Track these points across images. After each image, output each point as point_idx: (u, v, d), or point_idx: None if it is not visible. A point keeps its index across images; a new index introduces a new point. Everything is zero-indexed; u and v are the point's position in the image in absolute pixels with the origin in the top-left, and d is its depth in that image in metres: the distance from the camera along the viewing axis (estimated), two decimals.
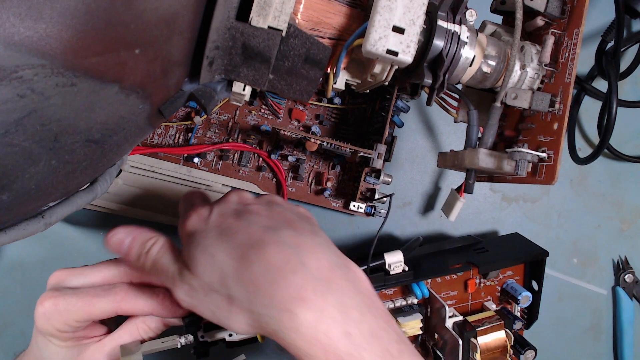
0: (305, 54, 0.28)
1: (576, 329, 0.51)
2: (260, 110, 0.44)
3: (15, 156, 0.19)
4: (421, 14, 0.28)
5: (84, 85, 0.19)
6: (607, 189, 0.52)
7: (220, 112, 0.44)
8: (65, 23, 0.17)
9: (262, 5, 0.25)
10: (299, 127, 0.45)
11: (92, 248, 0.44)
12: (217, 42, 0.25)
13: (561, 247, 0.51)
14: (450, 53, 0.30)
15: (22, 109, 0.18)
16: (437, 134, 0.50)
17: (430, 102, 0.32)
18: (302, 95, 0.30)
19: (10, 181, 0.20)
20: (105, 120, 0.22)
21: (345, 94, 0.45)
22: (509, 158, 0.31)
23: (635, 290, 0.51)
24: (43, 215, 0.25)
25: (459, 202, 0.40)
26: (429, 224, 0.49)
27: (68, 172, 0.23)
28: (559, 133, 0.30)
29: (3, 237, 0.24)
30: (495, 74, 0.33)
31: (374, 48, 0.28)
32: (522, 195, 0.51)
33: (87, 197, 0.28)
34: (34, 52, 0.17)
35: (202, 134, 0.43)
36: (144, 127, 0.26)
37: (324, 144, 0.38)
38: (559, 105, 0.31)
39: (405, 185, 0.49)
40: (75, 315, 0.27)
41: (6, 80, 0.17)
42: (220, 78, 0.28)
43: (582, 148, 0.52)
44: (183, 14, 0.23)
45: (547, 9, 0.32)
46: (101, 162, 0.25)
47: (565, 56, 0.31)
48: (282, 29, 0.26)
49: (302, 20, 0.31)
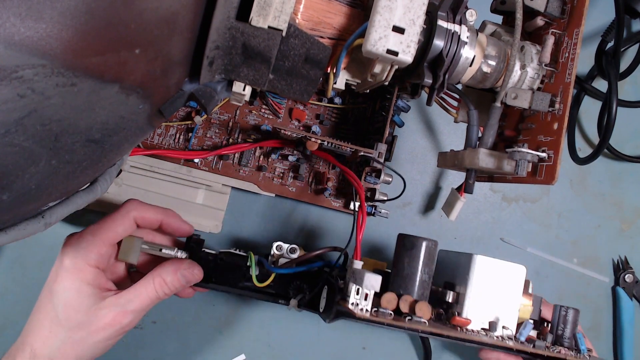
0: (305, 54, 0.28)
1: None
2: (261, 110, 0.44)
3: (16, 156, 0.19)
4: (421, 14, 0.28)
5: (84, 85, 0.19)
6: (607, 189, 0.52)
7: (221, 112, 0.44)
8: (65, 23, 0.17)
9: (262, 5, 0.25)
10: (299, 127, 0.45)
11: None
12: (217, 42, 0.25)
13: (561, 247, 0.51)
14: (450, 53, 0.30)
15: (22, 109, 0.18)
16: (437, 134, 0.50)
17: (430, 102, 0.32)
18: (302, 95, 0.30)
19: (10, 181, 0.20)
20: (105, 120, 0.22)
21: (345, 94, 0.45)
22: (509, 158, 0.31)
23: (635, 290, 0.51)
24: (43, 215, 0.25)
25: (459, 201, 0.40)
26: (429, 223, 0.49)
27: (68, 172, 0.23)
28: (559, 133, 0.30)
29: (3, 237, 0.24)
30: (495, 74, 0.33)
31: (374, 48, 0.28)
32: (522, 195, 0.51)
33: (87, 197, 0.28)
34: (34, 52, 0.17)
35: (202, 133, 0.43)
36: (144, 127, 0.26)
37: (325, 143, 0.38)
38: (559, 105, 0.31)
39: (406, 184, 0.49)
40: (100, 238, 0.33)
41: (6, 80, 0.17)
42: (221, 78, 0.28)
43: (582, 148, 0.52)
44: (183, 13, 0.23)
45: (547, 9, 0.32)
46: (101, 162, 0.25)
47: (565, 56, 0.31)
48: (282, 29, 0.26)
49: (302, 20, 0.31)
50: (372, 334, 0.47)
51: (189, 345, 0.45)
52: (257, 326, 0.46)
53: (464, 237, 0.49)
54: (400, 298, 0.32)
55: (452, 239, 0.49)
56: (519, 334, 0.33)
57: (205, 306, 0.45)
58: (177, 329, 0.45)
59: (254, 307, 0.46)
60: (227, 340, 0.45)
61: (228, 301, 0.46)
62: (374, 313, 0.30)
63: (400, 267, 0.33)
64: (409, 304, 0.32)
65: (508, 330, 0.33)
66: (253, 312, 0.46)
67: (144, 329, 0.44)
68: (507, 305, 0.34)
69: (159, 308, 0.45)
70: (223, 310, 0.46)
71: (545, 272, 0.51)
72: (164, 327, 0.45)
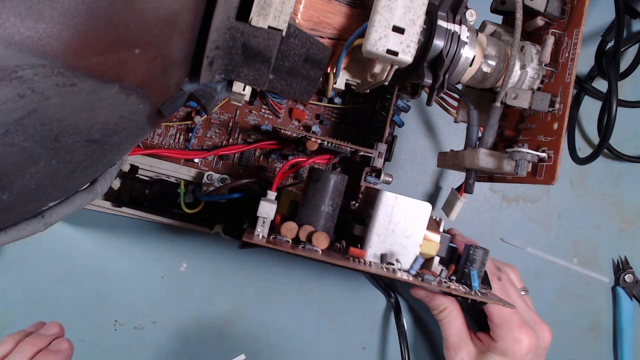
0: (305, 54, 0.28)
1: (576, 329, 0.51)
2: (261, 109, 0.44)
3: (16, 156, 0.19)
4: (421, 14, 0.28)
5: (84, 85, 0.19)
6: (607, 189, 0.52)
7: (221, 112, 0.44)
8: (65, 23, 0.17)
9: (262, 5, 0.25)
10: (299, 127, 0.45)
11: (92, 248, 0.44)
12: (217, 42, 0.25)
13: (561, 247, 0.51)
14: (450, 53, 0.30)
15: (22, 109, 0.18)
16: (437, 134, 0.50)
17: (430, 102, 0.32)
18: (302, 95, 0.30)
19: (11, 181, 0.20)
20: (105, 120, 0.22)
21: (345, 94, 0.45)
22: (509, 158, 0.31)
23: (635, 290, 0.51)
24: (43, 215, 0.25)
25: (459, 201, 0.40)
26: None
27: (68, 172, 0.23)
28: (559, 133, 0.30)
29: (3, 237, 0.24)
30: (495, 74, 0.33)
31: (374, 48, 0.28)
32: (522, 195, 0.51)
33: (87, 197, 0.28)
34: (34, 52, 0.17)
35: (202, 133, 0.43)
36: (144, 127, 0.26)
37: (325, 143, 0.38)
38: (559, 105, 0.31)
39: (406, 185, 0.49)
40: None
41: (6, 80, 0.17)
42: (221, 78, 0.28)
43: (582, 148, 0.52)
44: (183, 13, 0.23)
45: (547, 9, 0.32)
46: (101, 162, 0.25)
47: (565, 56, 0.31)
48: (282, 29, 0.26)
49: (302, 20, 0.31)
50: (372, 334, 0.47)
51: (189, 345, 0.45)
52: (257, 326, 0.46)
53: None
54: (301, 227, 0.32)
55: None
56: (411, 268, 0.34)
57: (205, 306, 0.45)
58: (177, 329, 0.45)
59: (254, 307, 0.46)
60: (227, 340, 0.45)
61: (228, 301, 0.46)
62: (270, 240, 0.31)
63: (306, 198, 0.34)
64: (307, 234, 0.32)
65: (398, 264, 0.34)
66: (253, 312, 0.46)
67: (144, 329, 0.44)
68: (410, 240, 0.34)
69: (159, 308, 0.45)
70: (223, 310, 0.46)
71: (545, 272, 0.51)
72: (164, 327, 0.45)
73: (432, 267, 0.35)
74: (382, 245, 0.34)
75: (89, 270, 0.44)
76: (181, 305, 0.45)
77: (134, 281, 0.45)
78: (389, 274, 0.32)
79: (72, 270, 0.44)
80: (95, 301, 0.44)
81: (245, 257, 0.46)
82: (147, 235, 0.45)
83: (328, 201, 0.33)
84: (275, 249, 0.31)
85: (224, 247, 0.46)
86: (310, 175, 0.34)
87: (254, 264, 0.46)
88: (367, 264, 0.33)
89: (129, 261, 0.45)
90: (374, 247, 0.34)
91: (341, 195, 0.34)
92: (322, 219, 0.33)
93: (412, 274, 0.33)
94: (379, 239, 0.34)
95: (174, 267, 0.45)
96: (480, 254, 0.36)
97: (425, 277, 0.33)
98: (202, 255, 0.46)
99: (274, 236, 0.32)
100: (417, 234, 0.34)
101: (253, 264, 0.46)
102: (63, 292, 0.43)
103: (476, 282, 0.34)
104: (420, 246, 0.34)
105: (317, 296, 0.47)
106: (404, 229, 0.34)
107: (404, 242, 0.34)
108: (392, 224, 0.34)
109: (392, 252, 0.34)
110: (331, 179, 0.34)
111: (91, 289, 0.44)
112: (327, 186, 0.34)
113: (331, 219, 0.34)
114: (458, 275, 0.36)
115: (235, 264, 0.46)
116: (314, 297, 0.47)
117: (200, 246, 0.46)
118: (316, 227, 0.33)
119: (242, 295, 0.46)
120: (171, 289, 0.45)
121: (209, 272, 0.46)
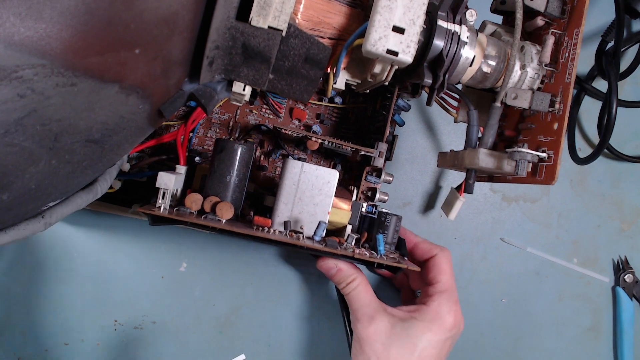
0: (305, 53, 0.28)
1: (576, 329, 0.51)
2: (261, 109, 0.44)
3: (16, 156, 0.19)
4: (421, 14, 0.28)
5: (84, 85, 0.19)
6: (607, 189, 0.52)
7: (221, 112, 0.44)
8: (65, 23, 0.17)
9: (262, 5, 0.25)
10: (300, 126, 0.45)
11: (92, 248, 0.44)
12: (217, 42, 0.25)
13: (561, 247, 0.51)
14: (450, 53, 0.30)
15: (22, 109, 0.18)
16: (437, 133, 0.50)
17: (430, 102, 0.32)
18: (302, 95, 0.30)
19: (10, 181, 0.20)
20: (105, 120, 0.22)
21: (346, 93, 0.45)
22: (509, 158, 0.31)
23: (635, 290, 0.51)
24: (43, 215, 0.25)
25: (458, 201, 0.40)
26: (429, 223, 0.49)
27: (68, 172, 0.23)
28: (559, 133, 0.30)
29: (3, 237, 0.24)
30: (495, 74, 0.33)
31: (374, 48, 0.28)
32: (522, 195, 0.51)
33: (87, 197, 0.28)
34: (34, 52, 0.17)
35: (203, 133, 0.43)
36: (144, 127, 0.26)
37: (325, 142, 0.38)
38: (559, 105, 0.31)
39: (406, 184, 0.49)
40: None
41: (6, 80, 0.17)
42: (220, 78, 0.28)
43: (582, 148, 0.52)
44: (183, 13, 0.23)
45: (547, 9, 0.32)
46: (101, 162, 0.25)
47: (565, 56, 0.31)
48: (282, 29, 0.26)
49: (302, 20, 0.31)
50: None
51: (188, 345, 0.45)
52: (257, 326, 0.46)
53: (463, 237, 0.50)
54: (206, 199, 0.32)
55: (452, 239, 0.49)
56: (314, 234, 0.33)
57: (205, 306, 0.45)
58: (177, 329, 0.45)
59: (254, 307, 0.46)
60: (227, 340, 0.45)
61: (228, 301, 0.46)
62: (174, 212, 0.31)
63: (212, 169, 0.34)
64: (211, 204, 0.32)
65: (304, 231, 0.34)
66: (253, 312, 0.46)
67: (144, 329, 0.44)
68: (319, 208, 0.34)
69: (159, 308, 0.45)
70: (223, 310, 0.46)
71: (545, 272, 0.51)
72: (164, 327, 0.45)
73: (344, 236, 0.35)
74: (290, 214, 0.34)
75: (89, 270, 0.44)
76: (181, 305, 0.45)
77: (134, 281, 0.45)
78: (293, 240, 0.32)
79: (72, 270, 0.44)
80: (95, 301, 0.44)
81: (245, 257, 0.46)
82: (147, 235, 0.45)
83: (234, 171, 0.33)
84: (179, 219, 0.30)
85: (224, 247, 0.46)
86: (216, 146, 0.34)
87: (254, 264, 0.46)
88: (273, 232, 0.32)
89: (129, 261, 0.45)
90: (281, 216, 0.34)
91: (248, 165, 0.34)
92: (228, 189, 0.33)
93: (316, 239, 0.33)
94: (287, 208, 0.34)
95: (174, 267, 0.45)
96: (393, 220, 0.35)
97: (329, 242, 0.33)
98: (202, 255, 0.46)
99: (178, 208, 0.32)
100: (325, 201, 0.34)
101: (253, 264, 0.46)
102: (63, 292, 0.44)
103: (382, 246, 0.33)
104: (330, 214, 0.34)
105: (317, 296, 0.47)
106: (311, 197, 0.34)
107: (312, 209, 0.34)
108: (300, 192, 0.34)
109: (300, 220, 0.34)
110: (236, 149, 0.33)
111: (91, 289, 0.44)
112: (231, 156, 0.33)
113: (238, 189, 0.34)
114: (371, 243, 0.35)
115: (235, 264, 0.46)
116: (314, 297, 0.47)
117: (200, 246, 0.46)
118: (223, 198, 0.33)
119: (242, 295, 0.46)
120: (171, 289, 0.45)
121: (209, 272, 0.46)
